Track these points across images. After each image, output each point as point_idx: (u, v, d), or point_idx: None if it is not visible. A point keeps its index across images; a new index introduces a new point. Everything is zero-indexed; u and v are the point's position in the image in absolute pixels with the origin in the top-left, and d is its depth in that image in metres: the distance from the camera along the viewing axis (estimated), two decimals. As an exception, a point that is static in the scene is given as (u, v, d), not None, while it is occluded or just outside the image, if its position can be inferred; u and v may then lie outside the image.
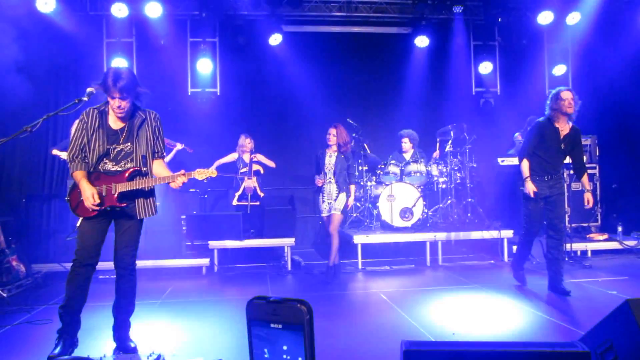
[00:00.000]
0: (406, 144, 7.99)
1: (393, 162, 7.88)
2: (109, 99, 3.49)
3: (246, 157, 7.79)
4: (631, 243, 7.42)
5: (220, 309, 5.14)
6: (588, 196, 5.24)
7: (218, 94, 9.04)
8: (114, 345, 3.80)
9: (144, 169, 3.66)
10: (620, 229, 7.73)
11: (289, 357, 0.74)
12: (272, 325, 0.76)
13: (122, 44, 8.60)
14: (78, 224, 3.63)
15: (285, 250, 7.21)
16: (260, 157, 7.74)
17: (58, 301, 5.43)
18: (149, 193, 3.72)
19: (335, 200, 6.19)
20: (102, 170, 3.58)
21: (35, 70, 7.74)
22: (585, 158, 8.03)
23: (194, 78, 9.06)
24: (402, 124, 8.63)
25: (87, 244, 3.57)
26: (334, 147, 6.27)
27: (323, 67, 9.09)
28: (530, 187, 5.19)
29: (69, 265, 6.33)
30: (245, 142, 7.79)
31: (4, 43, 7.10)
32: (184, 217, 7.42)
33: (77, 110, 3.66)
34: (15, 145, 7.79)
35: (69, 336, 3.58)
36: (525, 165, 5.28)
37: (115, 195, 3.55)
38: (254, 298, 0.78)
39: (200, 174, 3.64)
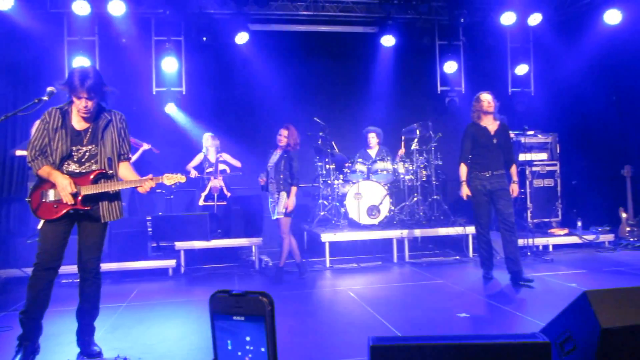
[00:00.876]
0: (373, 140, 8.08)
1: (360, 160, 7.93)
2: (74, 99, 3.41)
3: (212, 157, 7.73)
4: (590, 237, 7.66)
5: (187, 310, 5.09)
6: (513, 187, 5.65)
7: (184, 92, 8.94)
8: (77, 350, 3.72)
9: (110, 171, 3.59)
10: (579, 224, 7.97)
11: (252, 348, 0.77)
12: (234, 317, 0.79)
13: (84, 42, 8.41)
14: (39, 227, 3.52)
15: (253, 250, 7.18)
16: (226, 157, 7.70)
17: (19, 307, 5.26)
18: (114, 196, 3.65)
19: (276, 202, 6.12)
20: (65, 172, 3.49)
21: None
22: (546, 155, 8.31)
23: (159, 77, 8.94)
24: (368, 122, 8.73)
25: (49, 247, 3.47)
26: (282, 144, 6.19)
27: (290, 66, 9.07)
28: (464, 191, 5.66)
29: (29, 270, 6.16)
30: (210, 141, 7.72)
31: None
32: (150, 218, 7.30)
33: (38, 110, 3.55)
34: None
35: (30, 342, 3.48)
36: (462, 170, 5.75)
37: (79, 198, 3.47)
38: (217, 292, 0.80)
39: (169, 179, 3.62)
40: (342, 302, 5.24)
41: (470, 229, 7.37)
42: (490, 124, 5.69)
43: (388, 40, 9.19)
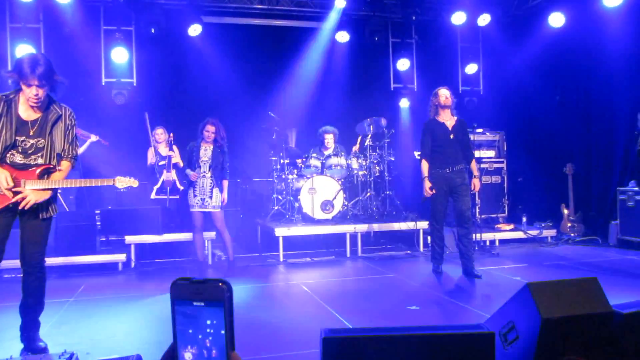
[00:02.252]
0: (330, 141, 8.10)
1: (314, 155, 7.97)
2: (23, 87, 3.28)
3: (162, 150, 7.61)
4: (534, 232, 7.97)
5: (137, 305, 5.00)
6: (475, 182, 5.72)
7: (134, 84, 8.77)
8: (21, 346, 3.61)
9: (58, 167, 3.49)
10: (524, 219, 8.28)
11: (212, 331, 0.84)
12: (195, 303, 0.84)
13: (28, 29, 8.11)
14: None
15: (206, 244, 7.08)
16: (176, 151, 7.57)
17: (-43, 303, 5.07)
18: (54, 192, 3.55)
19: (210, 196, 6.09)
20: (8, 162, 3.36)
21: None
22: (494, 153, 8.57)
23: (109, 68, 8.72)
24: (323, 117, 8.76)
25: None
26: (209, 139, 6.16)
27: (245, 60, 9.03)
28: (426, 185, 5.66)
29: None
30: (158, 133, 7.62)
31: None
32: (99, 211, 7.10)
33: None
34: None
35: None
36: (424, 166, 5.75)
37: (20, 194, 3.33)
38: (178, 279, 0.85)
39: (121, 182, 3.58)
40: (295, 295, 5.27)
41: (422, 224, 7.57)
42: (448, 119, 5.72)
43: (342, 36, 9.27)
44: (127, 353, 3.55)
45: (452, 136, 5.66)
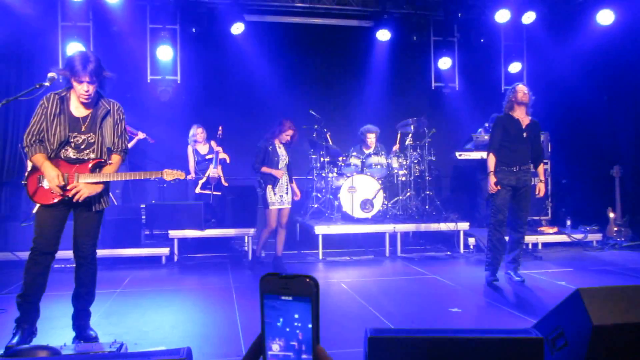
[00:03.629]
0: (372, 140, 8.07)
1: (354, 154, 7.97)
2: (74, 83, 3.41)
3: (200, 148, 7.75)
4: (578, 236, 7.78)
5: (181, 299, 5.13)
6: (540, 186, 5.44)
7: (179, 81, 8.89)
8: (73, 334, 3.74)
9: (109, 161, 3.61)
10: (568, 222, 8.09)
11: (299, 324, 0.89)
12: (283, 297, 0.89)
13: (78, 28, 8.35)
14: (35, 211, 3.53)
15: (246, 241, 7.22)
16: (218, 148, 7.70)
17: (11, 290, 5.31)
18: (106, 185, 3.67)
19: (286, 192, 6.24)
20: (62, 157, 3.50)
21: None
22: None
23: (154, 65, 8.89)
24: (363, 116, 8.75)
25: (46, 232, 3.48)
26: (283, 138, 6.26)
27: (285, 58, 9.07)
28: (492, 180, 5.37)
29: (21, 254, 6.27)
30: (198, 132, 7.73)
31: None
32: (144, 206, 7.29)
33: (38, 96, 3.55)
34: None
35: (28, 325, 3.50)
36: (491, 160, 5.46)
37: (69, 189, 3.47)
38: (267, 274, 0.91)
39: (169, 175, 3.67)
40: (335, 294, 5.31)
41: (462, 225, 7.50)
42: (523, 116, 5.45)
43: (383, 35, 9.22)
44: (174, 345, 3.67)
45: (525, 134, 5.39)
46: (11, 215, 7.42)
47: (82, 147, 3.53)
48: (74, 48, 8.00)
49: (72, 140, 3.50)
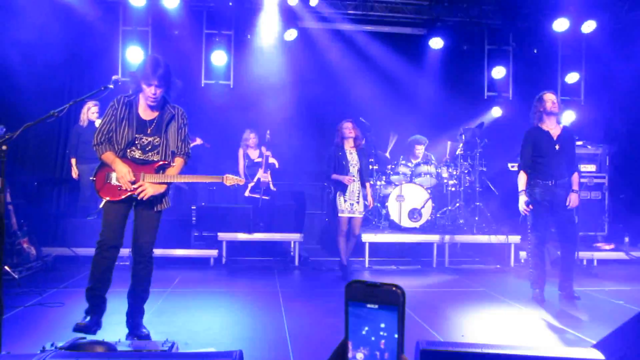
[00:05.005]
0: (420, 151, 8.02)
1: (403, 162, 7.92)
2: (144, 86, 3.55)
3: (251, 152, 7.86)
4: (638, 254, 7.45)
5: (229, 301, 5.20)
6: (573, 196, 5.15)
7: (232, 86, 9.05)
8: (126, 331, 3.84)
9: (173, 164, 3.75)
10: (627, 239, 7.75)
11: (385, 334, 0.88)
12: (368, 305, 0.89)
13: (138, 32, 8.61)
14: (101, 206, 3.68)
15: (293, 246, 7.28)
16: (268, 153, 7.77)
17: (69, 285, 5.52)
18: (168, 186, 3.80)
19: (357, 201, 6.14)
20: (129, 157, 3.65)
21: (51, 56, 7.74)
22: (594, 167, 8.11)
23: (208, 70, 9.06)
24: (413, 124, 8.65)
25: (112, 226, 3.62)
26: (351, 143, 6.20)
27: (336, 65, 9.06)
28: (522, 200, 5.21)
29: (78, 250, 6.48)
30: (250, 137, 7.83)
31: (22, 29, 7.16)
32: (194, 208, 7.46)
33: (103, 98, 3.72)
34: (28, 129, 7.80)
35: (96, 316, 3.65)
36: (521, 179, 5.29)
37: (136, 186, 3.61)
38: (353, 281, 0.91)
39: (229, 180, 3.78)
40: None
41: (513, 238, 7.31)
42: (553, 127, 5.22)
43: (436, 43, 9.12)
44: (223, 346, 3.72)
45: (557, 147, 5.15)
46: (67, 212, 7.70)
47: (148, 148, 3.67)
48: (134, 52, 8.29)
49: (138, 141, 3.65)
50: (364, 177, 6.21)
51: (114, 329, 3.97)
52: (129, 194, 3.61)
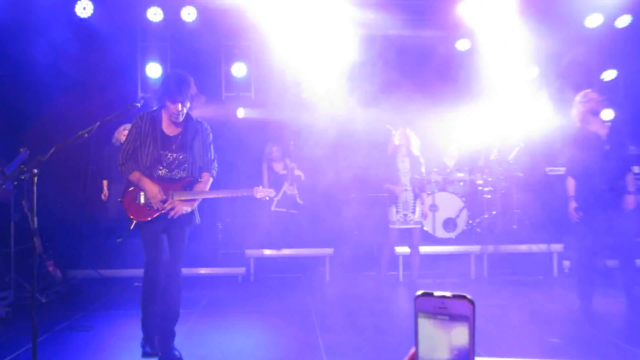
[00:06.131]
0: (455, 148, 7.94)
1: (435, 169, 7.83)
2: (168, 103, 3.58)
3: (275, 165, 7.87)
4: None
5: (260, 320, 5.17)
6: (629, 199, 4.90)
7: (252, 97, 9.10)
8: (159, 354, 3.84)
9: (200, 179, 3.79)
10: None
11: (456, 345, 0.89)
12: (439, 316, 0.89)
13: (157, 47, 8.75)
14: (132, 227, 3.71)
15: (323, 261, 7.24)
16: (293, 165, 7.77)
17: (96, 308, 5.55)
18: (197, 202, 3.82)
19: (412, 211, 6.05)
20: (155, 176, 3.67)
21: (70, 74, 7.85)
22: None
23: (228, 82, 9.14)
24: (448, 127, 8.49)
25: (153, 254, 3.65)
26: (404, 150, 6.12)
27: (361, 73, 9.00)
28: (571, 207, 5.06)
29: (104, 272, 6.51)
30: (273, 150, 7.84)
31: (43, 47, 7.31)
32: (220, 224, 7.45)
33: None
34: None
35: (148, 346, 3.77)
36: (570, 184, 5.13)
37: (167, 205, 3.65)
38: (422, 293, 0.91)
39: (260, 193, 3.83)
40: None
41: (556, 247, 7.14)
42: (600, 126, 4.99)
43: (462, 45, 9.08)
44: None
45: (607, 147, 4.90)
46: (94, 234, 7.75)
47: (174, 165, 3.70)
48: (153, 68, 8.42)
49: (163, 159, 3.67)
50: (414, 187, 6.10)
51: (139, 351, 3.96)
52: (159, 212, 3.62)
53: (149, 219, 3.64)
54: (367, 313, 5.30)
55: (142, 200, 3.65)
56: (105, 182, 7.31)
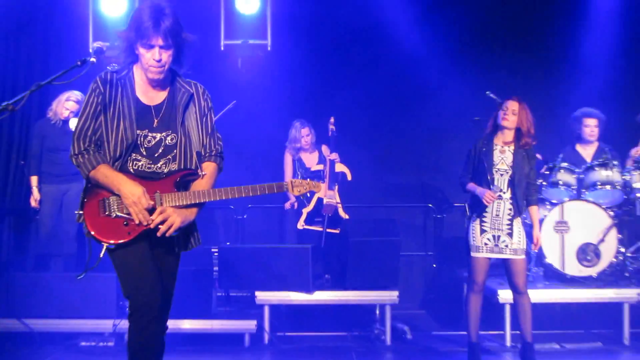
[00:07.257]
0: (593, 130, 7.70)
1: (564, 165, 7.58)
2: (141, 50, 3.41)
3: (306, 157, 7.86)
4: None
5: None
6: None
7: (269, 48, 8.99)
8: None
9: (201, 172, 3.61)
10: None
11: None
12: None
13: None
14: (102, 254, 3.48)
15: (380, 311, 7.09)
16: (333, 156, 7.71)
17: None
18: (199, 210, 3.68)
19: (509, 233, 5.69)
20: (132, 171, 3.48)
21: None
22: None
23: (231, 25, 9.07)
24: (575, 105, 8.27)
25: (142, 282, 3.41)
26: (508, 136, 5.78)
27: (441, 16, 8.99)
28: None
29: (32, 322, 6.40)
30: (303, 135, 7.80)
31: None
32: (216, 250, 7.36)
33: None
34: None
35: None
36: None
37: (155, 216, 3.43)
38: None
39: (298, 187, 3.77)
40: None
41: None
42: None
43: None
44: None
45: None
46: (15, 261, 7.71)
47: (158, 151, 3.53)
48: (111, 3, 8.46)
49: (141, 142, 3.51)
50: (517, 194, 5.74)
51: None
52: (144, 228, 3.42)
53: (129, 239, 3.41)
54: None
55: (116, 210, 3.40)
56: (34, 179, 7.24)
